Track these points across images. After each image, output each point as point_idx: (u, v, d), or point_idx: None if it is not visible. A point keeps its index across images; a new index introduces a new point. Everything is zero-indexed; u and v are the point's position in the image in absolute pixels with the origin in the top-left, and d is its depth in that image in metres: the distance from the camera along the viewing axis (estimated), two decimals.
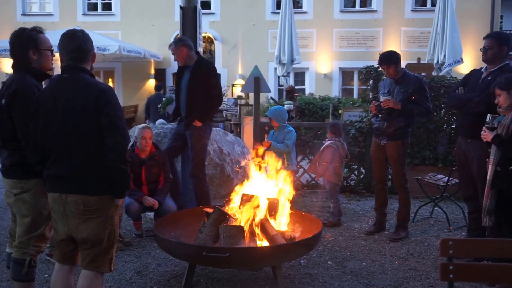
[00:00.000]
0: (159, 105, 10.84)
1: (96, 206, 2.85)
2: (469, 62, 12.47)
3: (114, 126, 2.80)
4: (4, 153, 3.23)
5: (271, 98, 12.85)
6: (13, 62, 3.24)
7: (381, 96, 5.22)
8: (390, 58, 5.14)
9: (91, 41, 3.02)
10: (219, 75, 5.62)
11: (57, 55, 3.05)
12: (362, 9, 17.49)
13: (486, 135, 3.91)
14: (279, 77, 15.43)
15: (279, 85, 17.05)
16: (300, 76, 17.68)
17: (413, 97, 5.07)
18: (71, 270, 3.09)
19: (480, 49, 4.53)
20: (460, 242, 2.70)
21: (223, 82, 17.44)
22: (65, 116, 2.81)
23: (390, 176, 5.85)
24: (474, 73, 4.70)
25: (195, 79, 5.36)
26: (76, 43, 2.92)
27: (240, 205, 4.20)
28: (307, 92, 16.60)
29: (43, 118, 2.88)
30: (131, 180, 4.98)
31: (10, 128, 3.11)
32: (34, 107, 2.93)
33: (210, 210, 4.22)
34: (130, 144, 5.51)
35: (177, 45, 5.46)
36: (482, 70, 4.59)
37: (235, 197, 4.36)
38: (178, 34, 7.11)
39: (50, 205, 2.97)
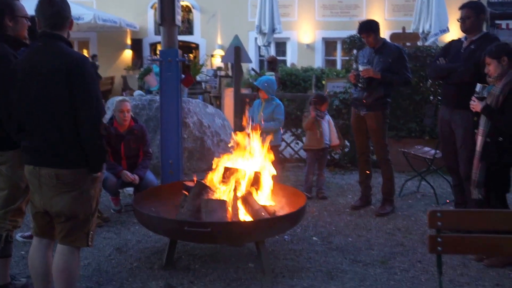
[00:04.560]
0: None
1: (70, 180, 2.78)
2: (455, 31, 12.15)
3: (87, 98, 2.72)
4: None
5: (252, 69, 12.62)
6: None
7: (360, 66, 5.12)
8: (369, 26, 5.09)
9: (69, 8, 2.93)
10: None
11: None
12: None
13: (476, 105, 3.85)
14: (259, 47, 15.14)
15: (260, 56, 16.75)
16: (281, 46, 17.39)
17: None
18: (49, 245, 3.02)
19: (458, 19, 4.50)
20: (449, 213, 2.65)
21: (202, 52, 17.11)
22: (38, 88, 2.73)
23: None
24: (454, 43, 4.68)
25: None
26: (54, 9, 2.82)
27: (223, 178, 4.08)
28: (288, 63, 16.36)
29: (18, 89, 2.80)
30: (109, 154, 4.84)
31: None
32: (12, 77, 2.84)
33: (191, 184, 4.09)
34: (108, 118, 5.33)
35: None
36: (462, 39, 4.56)
37: (217, 170, 4.22)
38: (155, 3, 6.84)
39: (27, 177, 2.90)
